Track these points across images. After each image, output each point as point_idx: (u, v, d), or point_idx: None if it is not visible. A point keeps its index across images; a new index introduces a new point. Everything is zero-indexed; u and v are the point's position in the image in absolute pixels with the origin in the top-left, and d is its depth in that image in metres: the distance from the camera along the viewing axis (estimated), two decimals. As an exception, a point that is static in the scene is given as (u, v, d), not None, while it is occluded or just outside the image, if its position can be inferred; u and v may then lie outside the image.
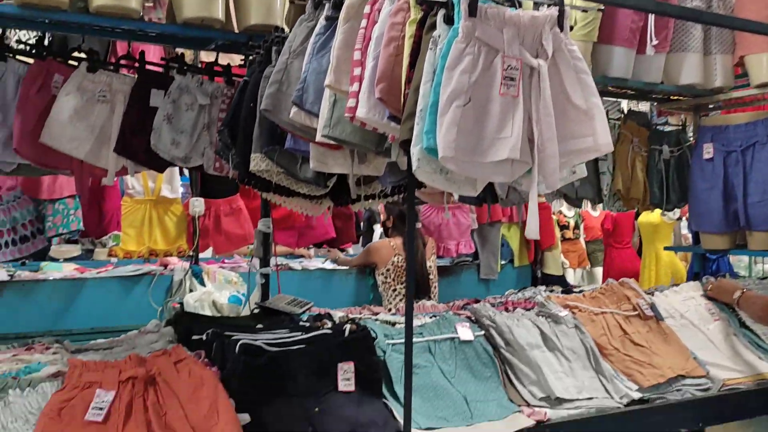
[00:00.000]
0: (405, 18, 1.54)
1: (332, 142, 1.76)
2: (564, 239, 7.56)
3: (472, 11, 1.40)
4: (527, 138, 1.43)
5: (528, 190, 1.49)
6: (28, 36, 2.94)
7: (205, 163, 2.48)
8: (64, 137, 2.25)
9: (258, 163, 2.05)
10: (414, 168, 1.43)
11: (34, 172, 2.52)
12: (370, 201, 2.40)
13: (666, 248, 5.38)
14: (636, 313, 2.55)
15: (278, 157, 2.05)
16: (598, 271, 7.65)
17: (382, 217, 4.45)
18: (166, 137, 2.38)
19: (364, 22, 1.64)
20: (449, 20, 1.43)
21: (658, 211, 5.74)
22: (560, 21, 1.50)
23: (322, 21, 1.83)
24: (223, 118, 2.31)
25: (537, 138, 1.42)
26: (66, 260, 4.27)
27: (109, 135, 2.35)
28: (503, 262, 5.31)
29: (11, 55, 2.32)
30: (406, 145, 1.46)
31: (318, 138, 1.76)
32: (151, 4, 2.51)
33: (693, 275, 3.92)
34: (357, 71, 1.62)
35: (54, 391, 1.59)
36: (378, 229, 5.67)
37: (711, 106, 3.74)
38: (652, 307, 2.58)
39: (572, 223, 7.72)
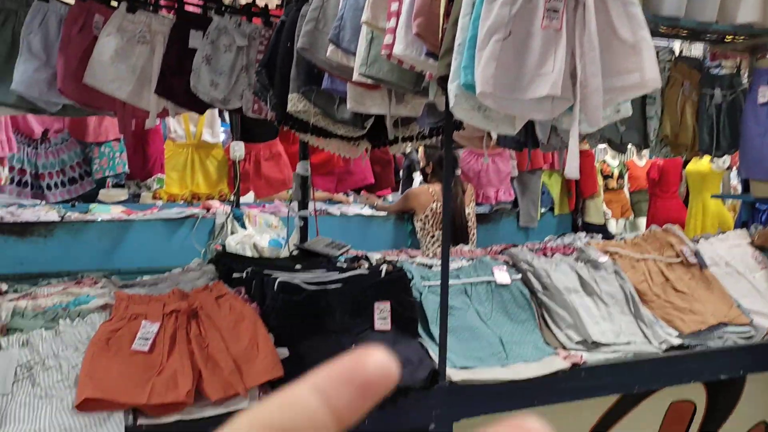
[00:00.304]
0: (444, -51, 1.49)
1: (369, 81, 1.73)
2: (607, 189, 7.39)
3: (515, -61, 1.33)
4: (569, 73, 1.38)
5: (569, 129, 1.44)
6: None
7: (243, 106, 2.48)
8: (106, 78, 2.28)
9: (295, 103, 2.04)
10: (451, 105, 1.40)
11: (79, 113, 2.57)
12: (407, 143, 2.38)
13: (713, 196, 5.22)
14: (679, 260, 2.50)
15: (315, 98, 2.04)
16: (642, 221, 7.49)
17: (422, 164, 4.42)
18: (205, 78, 2.39)
19: (402, -45, 1.58)
20: (490, -51, 1.37)
21: (706, 159, 5.55)
22: (608, -51, 1.42)
23: (359, -45, 1.78)
24: (261, 59, 2.30)
25: (580, 73, 1.37)
26: (114, 204, 4.40)
27: (150, 76, 2.37)
28: (543, 210, 5.24)
29: (53, -4, 2.33)
30: (443, 81, 1.43)
31: (355, 77, 1.74)
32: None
33: (741, 224, 3.80)
34: (394, 6, 1.58)
35: (102, 322, 1.66)
36: (417, 176, 5.64)
37: (769, 47, 3.54)
38: (696, 254, 2.52)
39: (616, 172, 7.54)
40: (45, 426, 1.43)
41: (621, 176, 7.63)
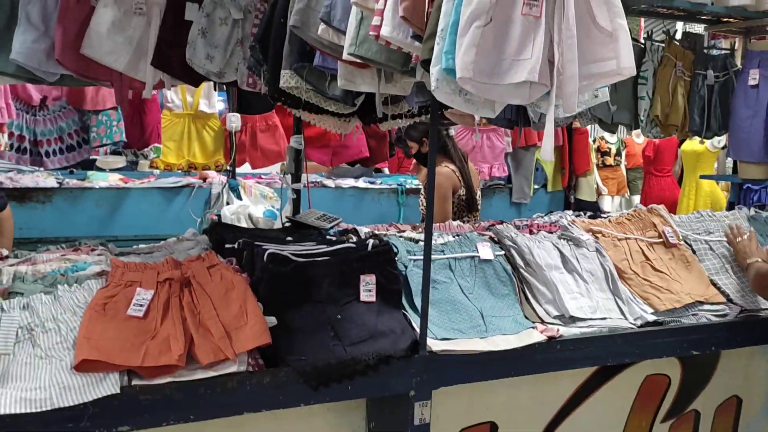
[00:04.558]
0: (432, -67, 1.52)
1: (359, 60, 1.78)
2: (604, 166, 7.46)
3: (499, -73, 1.37)
4: (547, 60, 1.43)
5: (546, 113, 1.50)
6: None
7: (238, 79, 2.53)
8: (103, 49, 2.32)
9: (288, 79, 2.09)
10: (432, 88, 1.46)
11: (77, 82, 2.61)
12: (397, 120, 2.43)
13: (702, 176, 5.28)
14: (660, 240, 2.57)
15: (307, 75, 2.09)
16: (638, 198, 7.58)
17: (413, 150, 4.06)
18: (201, 52, 2.43)
19: (391, -63, 1.62)
20: (476, -64, 1.41)
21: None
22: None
23: (351, -65, 1.81)
24: (255, 34, 2.34)
25: (557, 60, 1.42)
26: (111, 171, 4.46)
27: (147, 48, 2.41)
28: (536, 187, 5.31)
29: (51, -34, 2.36)
30: (427, 64, 1.48)
31: (344, 56, 1.78)
32: None
33: (729, 205, 3.87)
34: (383, -12, 1.61)
35: (99, 288, 1.74)
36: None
37: None
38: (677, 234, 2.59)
39: (614, 149, 7.60)
40: (45, 384, 1.51)
41: (618, 153, 7.69)
